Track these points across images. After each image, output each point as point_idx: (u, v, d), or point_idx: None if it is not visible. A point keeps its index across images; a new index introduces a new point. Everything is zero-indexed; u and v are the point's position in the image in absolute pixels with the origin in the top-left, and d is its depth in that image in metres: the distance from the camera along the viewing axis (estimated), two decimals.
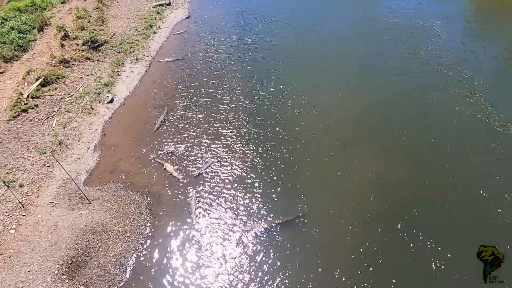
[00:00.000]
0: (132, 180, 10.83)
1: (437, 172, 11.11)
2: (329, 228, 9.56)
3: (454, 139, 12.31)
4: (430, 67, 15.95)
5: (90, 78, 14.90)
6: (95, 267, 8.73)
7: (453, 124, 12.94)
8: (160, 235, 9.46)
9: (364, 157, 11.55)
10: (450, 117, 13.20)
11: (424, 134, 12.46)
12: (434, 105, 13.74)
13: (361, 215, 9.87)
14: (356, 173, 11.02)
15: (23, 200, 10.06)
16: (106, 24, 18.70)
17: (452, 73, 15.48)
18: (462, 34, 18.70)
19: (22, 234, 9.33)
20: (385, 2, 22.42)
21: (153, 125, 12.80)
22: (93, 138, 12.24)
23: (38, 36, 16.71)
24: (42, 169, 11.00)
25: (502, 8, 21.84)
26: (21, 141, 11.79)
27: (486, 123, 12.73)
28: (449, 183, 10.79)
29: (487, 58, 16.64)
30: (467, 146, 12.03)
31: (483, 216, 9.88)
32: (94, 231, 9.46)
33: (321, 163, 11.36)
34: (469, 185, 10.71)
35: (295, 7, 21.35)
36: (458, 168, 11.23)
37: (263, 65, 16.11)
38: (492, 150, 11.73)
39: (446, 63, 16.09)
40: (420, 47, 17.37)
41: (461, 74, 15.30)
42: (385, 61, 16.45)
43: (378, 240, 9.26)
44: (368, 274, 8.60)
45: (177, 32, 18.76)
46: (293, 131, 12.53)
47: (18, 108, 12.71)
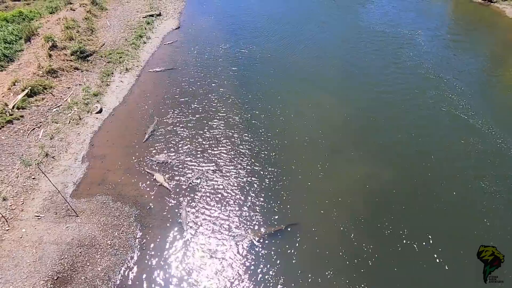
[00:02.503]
0: (121, 192, 10.63)
1: (428, 174, 11.44)
2: (320, 236, 9.56)
3: (442, 141, 12.80)
4: (414, 74, 16.68)
5: (79, 88, 14.73)
6: (82, 282, 8.44)
7: (439, 126, 13.51)
8: (150, 247, 9.25)
9: (351, 164, 11.76)
10: (435, 120, 13.80)
11: (410, 138, 12.87)
12: (419, 110, 14.31)
13: (352, 221, 9.94)
14: (345, 180, 11.17)
15: (7, 214, 9.72)
16: (95, 34, 18.64)
17: (434, 78, 16.30)
18: (444, 43, 19.61)
19: (5, 249, 8.98)
20: (370, 13, 23.27)
21: (143, 135, 12.68)
22: (81, 149, 12.02)
23: (25, 46, 16.49)
24: (27, 182, 10.70)
25: (480, 20, 22.97)
26: (5, 153, 11.47)
27: (471, 125, 13.37)
28: (443, 184, 11.12)
29: (467, 65, 17.53)
30: (456, 147, 12.52)
31: (484, 216, 10.07)
32: (81, 245, 9.20)
33: (310, 171, 11.44)
34: (466, 186, 11.06)
35: (283, 20, 21.88)
36: (450, 169, 11.63)
37: (252, 75, 16.34)
38: (481, 150, 12.31)
39: (429, 70, 16.84)
40: (404, 55, 18.14)
41: (443, 80, 16.08)
42: (369, 69, 17.08)
43: (370, 245, 9.32)
44: (363, 279, 8.60)
45: (167, 42, 18.85)
46: (283, 140, 12.62)
47: (3, 119, 12.41)
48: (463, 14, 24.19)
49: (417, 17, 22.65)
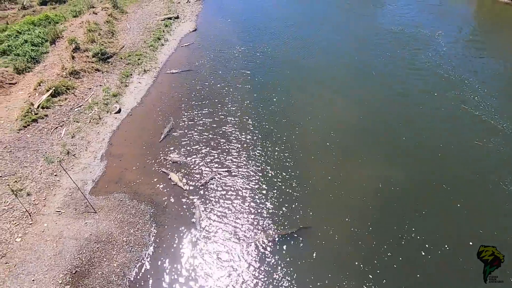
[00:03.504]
0: (137, 190, 10.90)
1: (446, 177, 11.22)
2: (333, 240, 9.44)
3: (461, 143, 12.56)
4: (433, 75, 16.36)
5: (99, 89, 15.24)
6: (99, 277, 8.71)
7: (458, 128, 13.26)
8: (164, 245, 9.42)
9: (366, 166, 11.61)
10: (454, 122, 13.51)
11: (427, 140, 12.64)
12: (437, 111, 14.02)
13: (365, 225, 9.79)
14: (358, 183, 11.03)
15: (30, 209, 10.17)
16: (115, 37, 19.25)
17: (454, 79, 15.88)
18: (466, 45, 18.98)
19: (28, 242, 9.40)
20: (388, 14, 22.81)
21: (159, 135, 12.96)
22: (100, 148, 12.42)
23: (51, 48, 17.26)
24: (50, 178, 11.16)
25: (506, 21, 22.05)
26: (30, 150, 12.02)
27: (492, 127, 13.04)
28: (461, 188, 10.91)
29: (488, 66, 17.00)
30: (476, 149, 12.24)
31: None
32: (99, 241, 9.49)
33: (323, 174, 11.33)
34: (486, 190, 10.81)
35: (299, 22, 21.80)
36: (470, 172, 11.42)
37: (267, 77, 16.35)
38: (492, 150, 12.07)
39: (449, 71, 16.42)
40: (422, 56, 17.78)
41: (464, 81, 15.74)
42: (386, 70, 16.84)
43: (383, 249, 9.13)
44: (375, 285, 8.44)
45: (184, 45, 19.19)
46: (297, 142, 12.56)
47: (29, 118, 13.01)
48: (487, 15, 23.28)
49: (437, 18, 22.02)
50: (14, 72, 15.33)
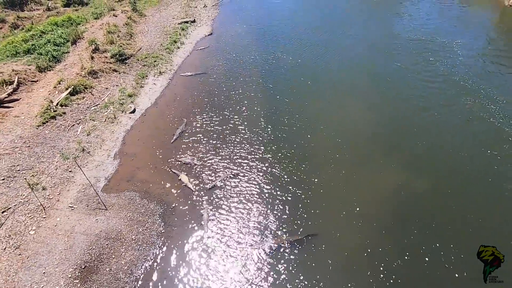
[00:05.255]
0: (147, 189, 11.06)
1: (464, 185, 11.07)
2: (342, 246, 9.30)
3: (479, 151, 12.32)
4: (449, 82, 16.12)
5: (115, 89, 15.64)
6: (107, 273, 8.84)
7: (476, 135, 12.98)
8: (171, 246, 9.50)
9: (380, 173, 11.46)
10: (472, 129, 13.27)
11: (439, 147, 12.46)
12: (454, 118, 13.80)
13: (377, 234, 9.62)
14: (372, 190, 10.87)
15: (45, 203, 10.47)
16: (133, 39, 19.75)
17: (471, 87, 15.61)
18: (484, 53, 18.49)
19: (41, 236, 9.66)
20: (405, 21, 22.51)
21: (171, 136, 13.14)
22: (113, 146, 12.69)
23: (71, 48, 17.87)
24: (65, 174, 11.47)
25: None
26: (47, 146, 12.41)
27: (506, 133, 12.79)
28: (478, 196, 10.68)
29: (508, 77, 16.44)
30: (495, 158, 11.95)
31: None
32: (108, 237, 9.65)
33: (336, 179, 11.23)
34: (507, 199, 10.53)
35: (316, 28, 21.77)
36: (488, 180, 11.19)
37: (282, 82, 16.35)
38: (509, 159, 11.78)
39: (466, 80, 16.14)
40: (439, 64, 17.53)
41: (481, 89, 15.41)
42: (401, 77, 16.65)
43: (396, 259, 8.91)
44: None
45: (200, 48, 19.48)
46: (309, 147, 12.49)
47: (48, 115, 13.46)
48: (510, 25, 22.63)
49: (456, 27, 21.56)
50: (36, 70, 15.93)
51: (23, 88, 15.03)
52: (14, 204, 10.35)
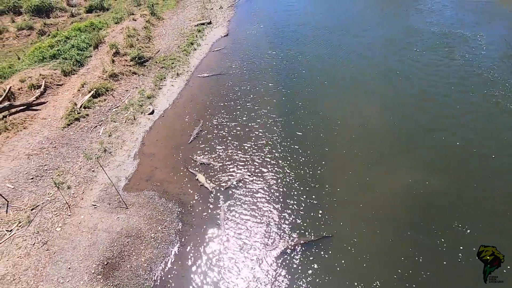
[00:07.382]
0: (166, 189, 11.32)
1: (486, 182, 10.69)
2: (359, 249, 9.13)
3: (502, 146, 11.89)
4: (471, 76, 15.66)
5: (135, 91, 16.11)
6: (127, 270, 9.14)
7: (501, 131, 12.52)
8: (189, 244, 9.68)
9: (398, 172, 11.17)
10: (495, 125, 12.77)
11: (459, 146, 12.10)
12: (476, 113, 13.40)
13: (393, 234, 9.38)
14: (389, 190, 10.62)
15: (70, 201, 10.96)
16: (152, 42, 20.26)
17: (494, 80, 15.05)
18: (506, 48, 17.62)
19: (67, 232, 10.12)
20: (425, 13, 21.78)
21: (188, 136, 13.38)
22: (133, 147, 13.09)
23: (94, 52, 18.57)
24: (88, 174, 11.95)
25: None
26: (72, 147, 12.97)
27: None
28: (499, 194, 10.27)
29: None
30: (506, 152, 11.58)
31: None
32: (129, 235, 9.97)
33: (352, 179, 11.05)
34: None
35: (333, 27, 21.49)
36: (499, 177, 10.80)
37: (298, 82, 16.26)
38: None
39: (488, 72, 15.50)
40: (459, 57, 16.99)
41: (506, 83, 14.62)
42: (420, 72, 16.27)
43: (413, 261, 8.65)
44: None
45: (216, 49, 19.70)
46: (325, 149, 12.35)
47: (72, 117, 14.07)
48: None
49: (479, 20, 20.63)
50: (62, 74, 16.69)
51: (49, 92, 15.79)
52: (42, 202, 10.90)
